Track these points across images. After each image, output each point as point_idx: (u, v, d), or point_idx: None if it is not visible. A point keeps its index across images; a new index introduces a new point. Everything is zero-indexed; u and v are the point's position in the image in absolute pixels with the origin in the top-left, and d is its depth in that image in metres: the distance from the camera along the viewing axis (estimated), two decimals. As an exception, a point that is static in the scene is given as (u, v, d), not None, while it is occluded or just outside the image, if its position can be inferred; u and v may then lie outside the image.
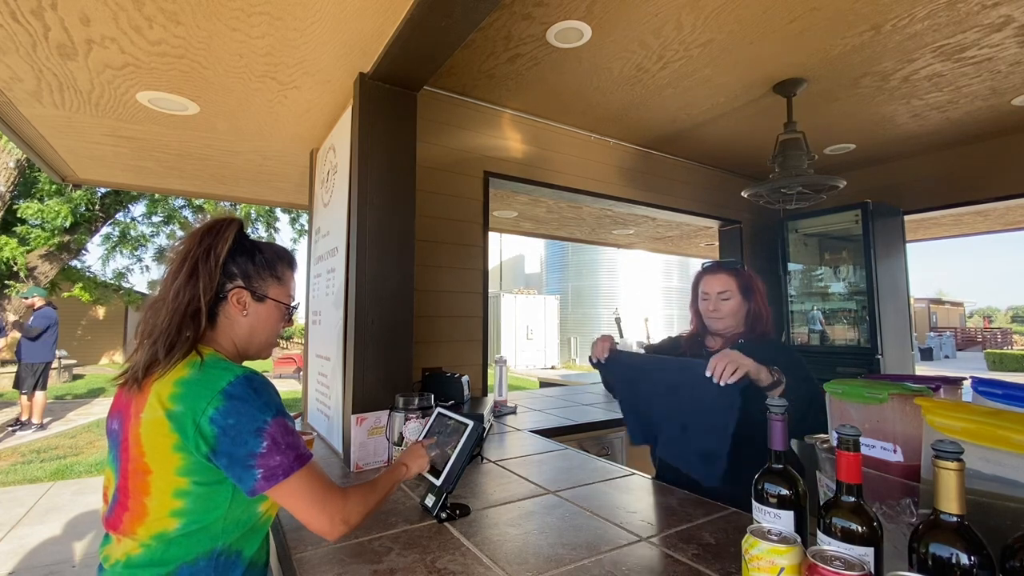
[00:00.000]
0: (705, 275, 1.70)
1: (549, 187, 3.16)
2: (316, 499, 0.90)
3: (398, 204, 1.93)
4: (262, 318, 1.02)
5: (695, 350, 1.73)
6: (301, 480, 0.89)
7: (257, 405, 0.88)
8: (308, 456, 0.92)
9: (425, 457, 1.24)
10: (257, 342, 1.04)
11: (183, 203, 11.98)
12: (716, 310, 1.65)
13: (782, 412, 0.86)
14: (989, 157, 3.51)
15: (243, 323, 1.00)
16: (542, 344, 18.03)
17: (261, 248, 1.05)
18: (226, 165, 3.23)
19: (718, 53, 2.33)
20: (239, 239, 1.01)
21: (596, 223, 5.28)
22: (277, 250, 1.08)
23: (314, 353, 2.51)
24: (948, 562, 0.63)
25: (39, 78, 2.02)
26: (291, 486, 0.88)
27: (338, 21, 1.65)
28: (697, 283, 1.73)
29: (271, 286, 1.03)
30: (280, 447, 0.88)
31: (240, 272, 0.99)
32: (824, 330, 4.13)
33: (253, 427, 0.86)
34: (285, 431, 0.90)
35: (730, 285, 1.64)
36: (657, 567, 1.00)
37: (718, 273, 1.67)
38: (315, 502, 0.90)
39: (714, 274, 1.68)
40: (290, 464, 0.88)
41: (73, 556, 3.41)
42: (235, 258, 0.99)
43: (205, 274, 0.94)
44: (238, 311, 0.99)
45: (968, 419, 0.74)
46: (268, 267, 1.03)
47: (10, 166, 8.27)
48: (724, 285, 1.64)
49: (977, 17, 2.07)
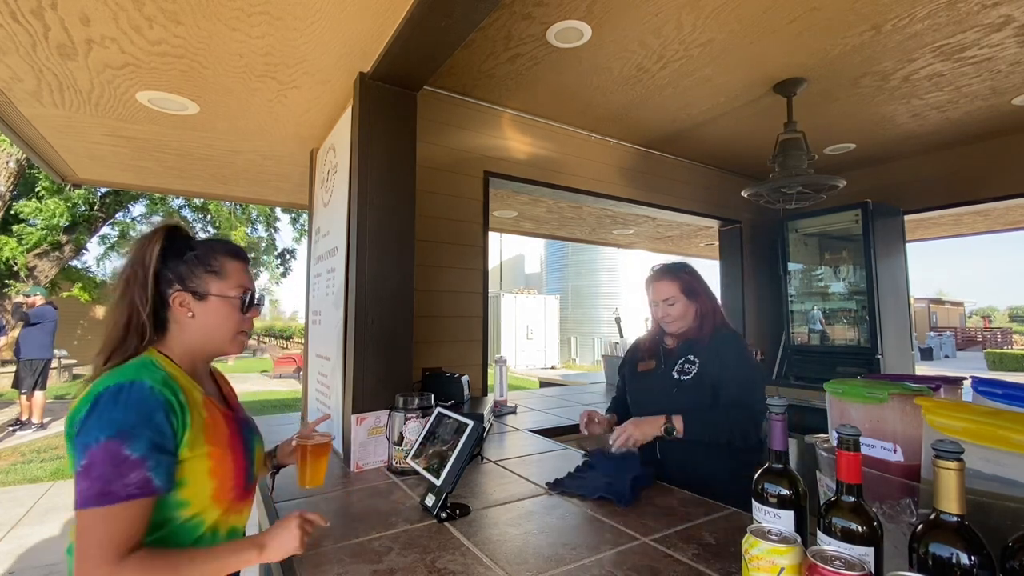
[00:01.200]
0: (651, 282, 1.77)
1: (549, 187, 3.16)
2: (89, 552, 0.76)
3: (398, 204, 1.93)
4: (211, 316, 0.99)
5: (654, 350, 1.83)
6: (89, 520, 0.77)
7: (104, 419, 0.80)
8: (121, 497, 0.77)
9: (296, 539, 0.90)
10: (215, 340, 1.01)
11: (183, 203, 11.99)
12: (665, 315, 1.73)
13: (782, 412, 0.86)
14: (989, 157, 3.51)
15: (193, 324, 0.98)
16: (542, 344, 18.02)
17: (193, 246, 1.01)
18: (226, 165, 3.23)
19: (718, 53, 2.33)
20: (169, 243, 0.98)
21: (596, 223, 5.28)
22: (211, 244, 1.04)
23: (314, 353, 2.51)
24: (948, 562, 0.63)
25: (39, 78, 2.02)
26: (81, 521, 0.77)
27: (338, 21, 1.64)
28: (647, 288, 1.80)
29: (210, 282, 0.99)
30: (92, 473, 0.77)
31: (175, 276, 0.97)
32: (824, 330, 4.13)
33: (85, 440, 0.79)
34: (110, 458, 0.78)
35: (673, 291, 1.71)
36: (657, 567, 1.00)
37: (661, 280, 1.74)
38: (85, 555, 0.76)
39: (658, 280, 1.75)
40: (88, 496, 0.77)
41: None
42: (167, 263, 0.97)
43: (137, 287, 0.94)
44: (183, 314, 0.97)
45: (968, 419, 0.74)
46: (201, 263, 0.99)
47: (10, 166, 8.27)
48: (668, 292, 1.72)
49: (977, 17, 2.07)
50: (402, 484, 1.52)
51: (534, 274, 25.57)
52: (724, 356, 1.65)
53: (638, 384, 1.84)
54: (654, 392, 1.75)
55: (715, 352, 1.66)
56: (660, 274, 1.76)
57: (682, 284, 1.72)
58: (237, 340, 1.04)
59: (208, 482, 0.91)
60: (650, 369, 1.80)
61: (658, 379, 1.75)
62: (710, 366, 1.65)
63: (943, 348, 24.40)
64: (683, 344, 1.74)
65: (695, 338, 1.71)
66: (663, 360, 1.78)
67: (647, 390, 1.79)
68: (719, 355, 1.65)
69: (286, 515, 0.94)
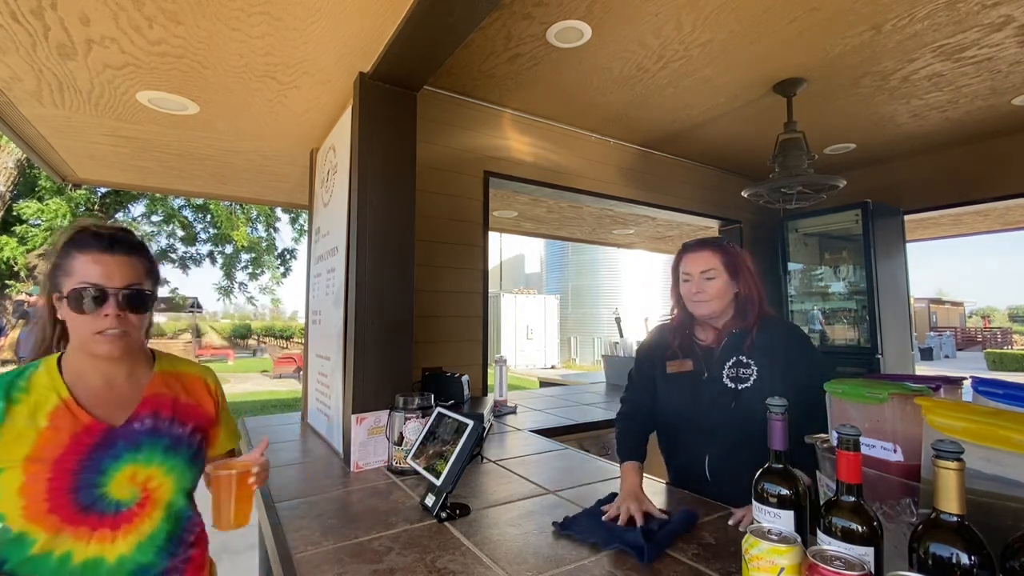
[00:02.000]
0: (687, 253, 1.48)
1: (549, 187, 3.16)
2: None
3: (398, 204, 1.93)
4: (68, 317, 0.96)
5: (686, 346, 1.51)
6: None
7: None
8: None
9: None
10: (82, 341, 0.96)
11: (183, 203, 11.99)
12: (700, 291, 1.42)
13: (782, 412, 0.86)
14: (989, 157, 3.51)
15: (69, 324, 0.96)
16: (542, 344, 18.03)
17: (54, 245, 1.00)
18: (226, 165, 3.22)
19: (718, 53, 2.33)
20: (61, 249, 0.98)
21: (596, 223, 5.28)
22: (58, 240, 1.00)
23: (314, 353, 2.51)
24: (948, 562, 0.63)
25: (39, 78, 2.02)
26: None
27: (338, 21, 1.64)
28: (678, 264, 1.51)
29: (64, 280, 0.95)
30: None
31: (50, 281, 0.98)
32: (824, 330, 4.13)
33: None
34: None
35: (714, 263, 1.42)
36: (657, 567, 1.00)
37: (701, 250, 1.45)
38: None
39: (697, 251, 1.46)
40: None
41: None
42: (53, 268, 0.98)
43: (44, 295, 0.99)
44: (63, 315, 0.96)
45: (968, 419, 0.74)
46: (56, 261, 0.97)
47: (10, 166, 8.27)
48: (708, 263, 1.43)
49: (977, 17, 2.07)
50: (402, 484, 1.52)
51: (534, 274, 25.57)
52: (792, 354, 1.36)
53: (676, 390, 1.48)
54: (703, 404, 1.42)
55: (775, 349, 1.37)
56: (700, 243, 1.47)
57: (726, 257, 1.43)
58: (96, 341, 0.94)
59: (16, 499, 0.85)
60: (687, 371, 1.47)
61: (706, 387, 1.43)
62: (773, 368, 1.35)
63: (943, 348, 24.40)
64: (728, 342, 1.43)
65: (738, 331, 1.42)
66: (703, 361, 1.46)
67: (693, 401, 1.44)
68: (784, 353, 1.37)
69: None
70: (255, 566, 2.50)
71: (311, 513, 1.30)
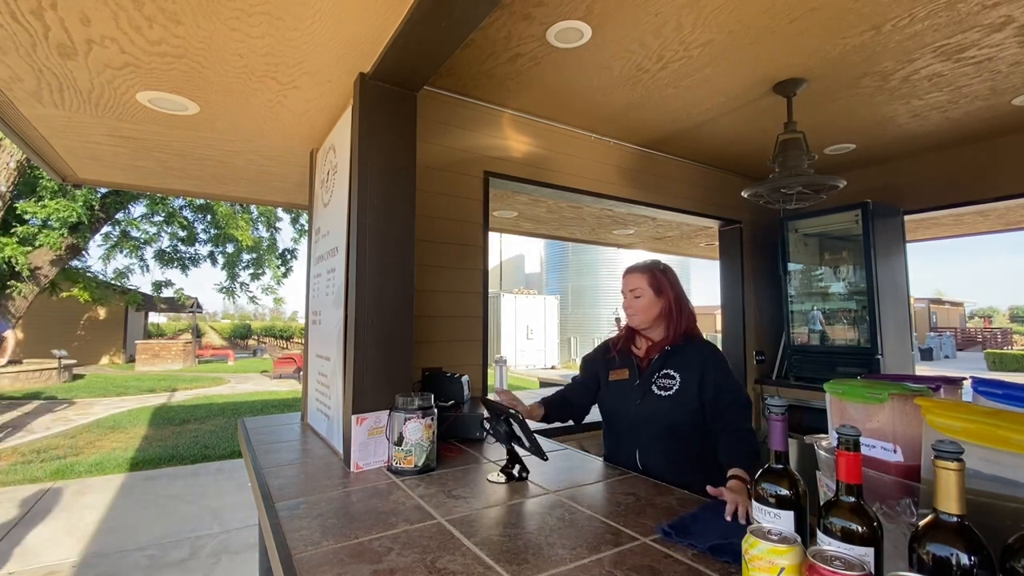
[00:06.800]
0: (623, 275, 1.87)
1: (549, 187, 3.16)
2: None
3: (398, 204, 1.93)
4: None
5: (624, 357, 1.86)
6: None
7: None
8: None
9: None
10: None
11: (183, 203, 11.99)
12: (629, 306, 1.82)
13: (782, 412, 0.86)
14: (989, 157, 3.51)
15: None
16: (542, 344, 18.03)
17: None
18: (226, 165, 3.22)
19: (718, 53, 2.33)
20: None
21: (596, 223, 5.28)
22: None
23: (314, 353, 2.51)
24: (948, 562, 0.63)
25: (39, 78, 2.02)
26: None
27: (338, 21, 1.65)
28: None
29: None
30: None
31: None
32: (824, 330, 4.13)
33: None
34: None
35: (641, 283, 1.79)
36: (657, 567, 1.00)
37: (632, 273, 1.84)
38: None
39: (629, 274, 1.85)
40: None
41: (73, 556, 3.40)
42: None
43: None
44: None
45: (968, 419, 0.74)
46: None
47: (10, 166, 8.27)
48: (635, 283, 1.80)
49: (977, 17, 2.07)
50: (402, 484, 1.52)
51: (534, 274, 25.56)
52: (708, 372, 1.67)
53: (612, 393, 1.86)
54: (630, 405, 1.76)
55: (696, 367, 1.68)
56: (632, 267, 1.86)
57: (650, 279, 1.79)
58: None
59: None
60: (623, 379, 1.82)
61: (635, 391, 1.77)
62: (691, 382, 1.67)
63: (943, 348, 24.40)
64: (658, 357, 1.76)
65: (669, 348, 1.75)
66: (637, 372, 1.80)
67: (623, 402, 1.80)
68: (702, 370, 1.67)
69: None
70: (255, 566, 2.50)
71: (311, 513, 1.30)
